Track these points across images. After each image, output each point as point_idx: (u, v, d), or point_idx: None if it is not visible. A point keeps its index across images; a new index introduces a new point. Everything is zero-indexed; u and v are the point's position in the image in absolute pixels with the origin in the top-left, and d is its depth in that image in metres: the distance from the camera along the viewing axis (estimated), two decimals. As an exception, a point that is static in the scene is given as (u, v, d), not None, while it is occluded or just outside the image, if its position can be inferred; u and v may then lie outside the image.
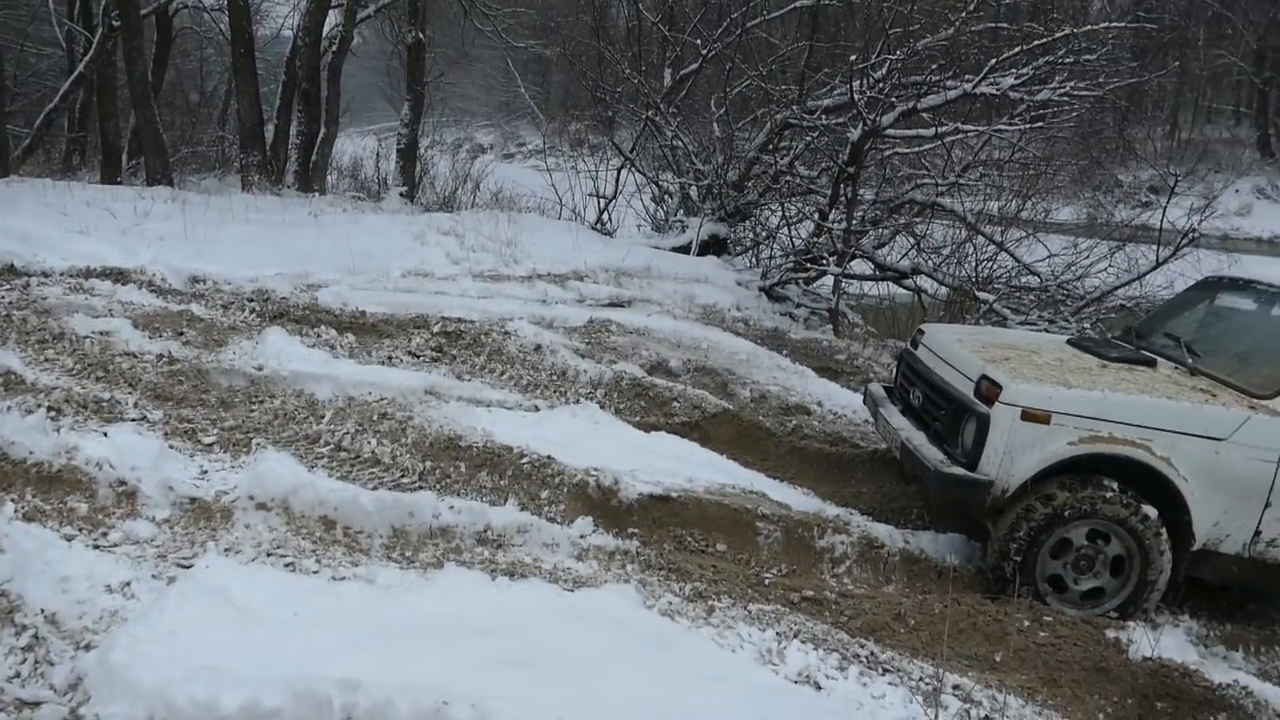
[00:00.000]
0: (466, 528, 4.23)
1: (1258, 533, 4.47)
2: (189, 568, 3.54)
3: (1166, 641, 4.18)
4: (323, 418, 5.20)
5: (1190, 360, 4.98)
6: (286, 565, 3.73)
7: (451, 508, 4.27)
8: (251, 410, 5.25)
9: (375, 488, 4.53)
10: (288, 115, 13.72)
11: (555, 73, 29.41)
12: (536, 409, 5.95)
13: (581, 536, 4.41)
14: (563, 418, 5.76)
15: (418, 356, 6.60)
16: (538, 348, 6.89)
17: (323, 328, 6.68)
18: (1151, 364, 4.99)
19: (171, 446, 4.55)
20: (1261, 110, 35.85)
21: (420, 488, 4.61)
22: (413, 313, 7.31)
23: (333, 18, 14.32)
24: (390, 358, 6.48)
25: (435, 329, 7.00)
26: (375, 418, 5.23)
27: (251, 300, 7.07)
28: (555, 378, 6.60)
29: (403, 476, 4.77)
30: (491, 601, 3.53)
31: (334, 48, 14.14)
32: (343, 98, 15.48)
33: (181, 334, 6.17)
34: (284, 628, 3.17)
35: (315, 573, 3.69)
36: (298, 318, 6.87)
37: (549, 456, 4.95)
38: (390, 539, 4.09)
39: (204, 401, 5.27)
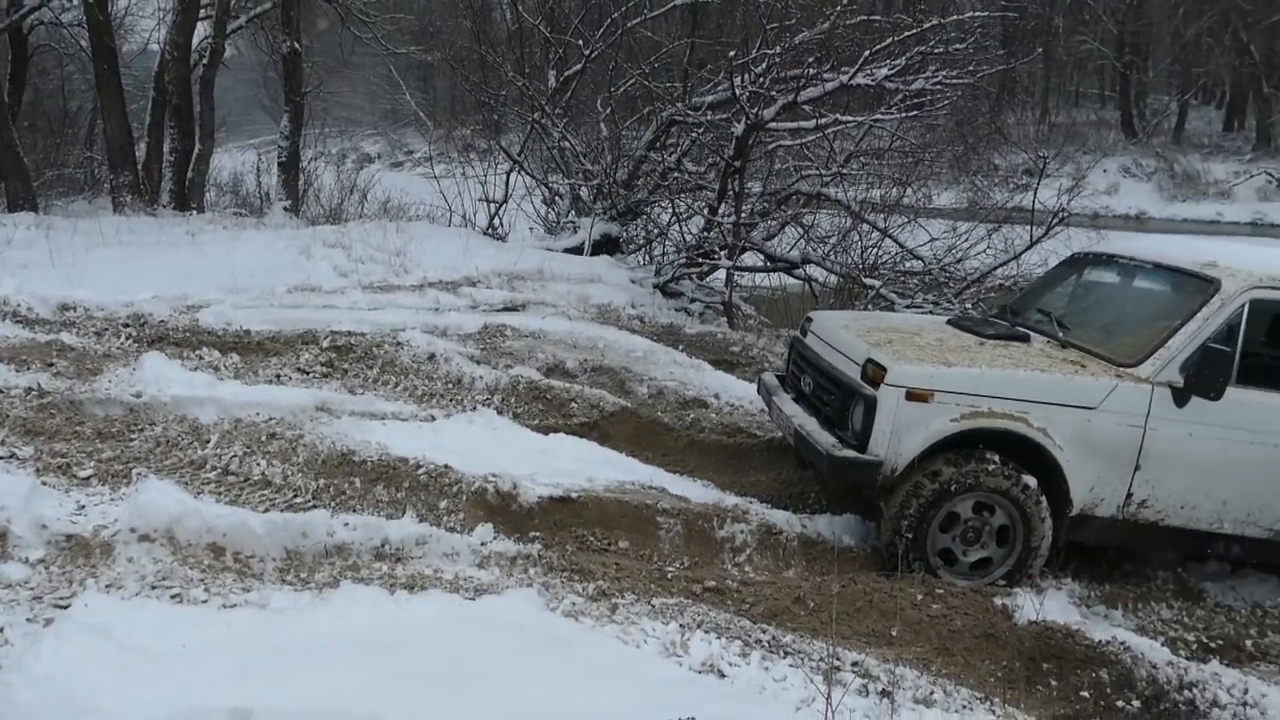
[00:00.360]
0: (363, 544, 4.16)
1: (1129, 495, 4.70)
2: (67, 608, 3.39)
3: (1050, 605, 4.36)
4: (208, 442, 5.03)
5: (1061, 334, 5.21)
6: (173, 597, 3.60)
7: (347, 525, 4.18)
8: (131, 439, 5.04)
9: (266, 510, 4.41)
10: (159, 132, 13.20)
11: (440, 78, 29.04)
12: (433, 418, 5.88)
13: (482, 544, 4.38)
14: (459, 425, 5.71)
15: (307, 373, 6.45)
16: (431, 356, 6.81)
17: (205, 349, 6.46)
18: (1025, 339, 5.20)
19: (44, 483, 4.34)
20: (1124, 93, 37.65)
21: (314, 507, 4.50)
22: (300, 329, 7.13)
23: (202, 29, 13.86)
24: (278, 376, 6.32)
25: (324, 344, 6.85)
26: (264, 438, 5.09)
27: (127, 325, 6.80)
28: (451, 386, 6.54)
29: (295, 496, 4.65)
30: (390, 616, 3.47)
31: (205, 60, 13.70)
32: (218, 111, 15.00)
33: (51, 365, 5.89)
34: (171, 661, 3.06)
35: (204, 602, 3.57)
36: (178, 341, 6.64)
37: (446, 465, 4.90)
38: (284, 561, 3.99)
39: (79, 434, 5.04)
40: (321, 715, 2.69)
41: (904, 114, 10.27)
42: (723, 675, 3.48)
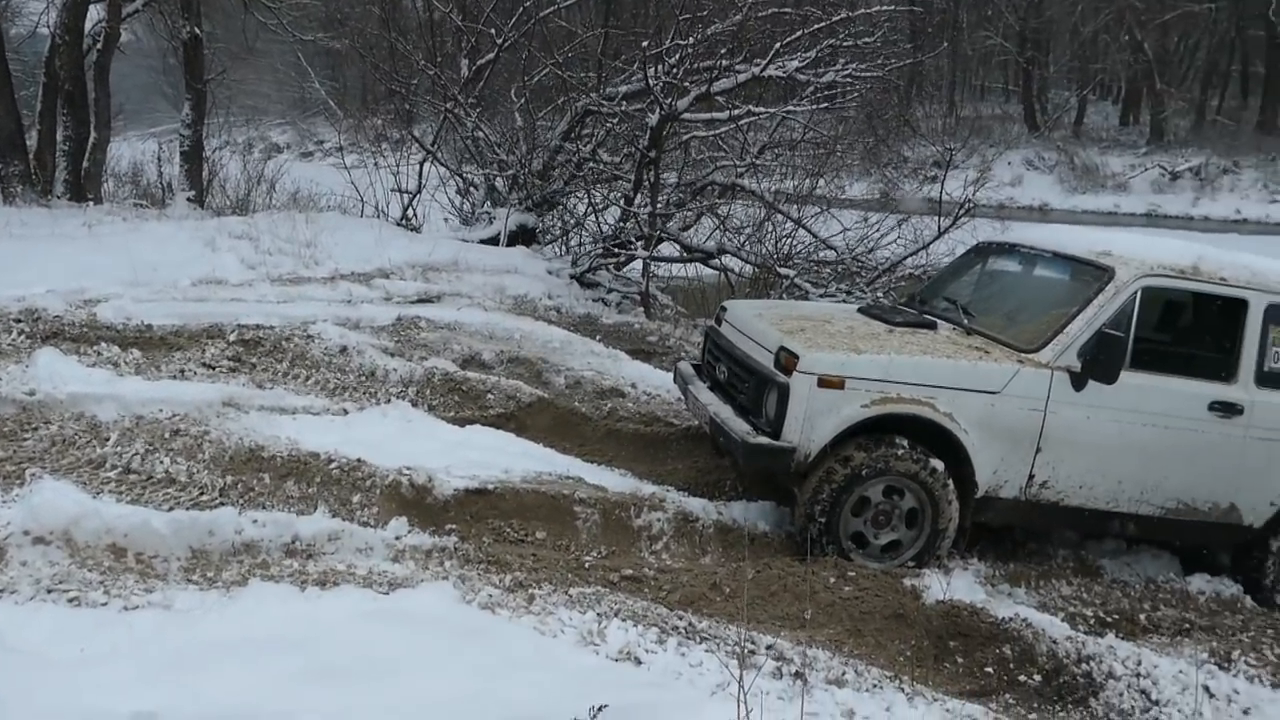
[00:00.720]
0: (273, 541, 4.07)
1: (1031, 476, 4.87)
2: (-45, 615, 3.24)
3: (957, 584, 4.50)
4: (107, 440, 4.85)
5: (966, 321, 5.35)
6: (70, 600, 3.46)
7: (255, 521, 4.09)
8: (24, 439, 4.83)
9: (171, 508, 4.28)
10: (52, 119, 12.62)
11: (350, 66, 28.39)
12: (345, 412, 5.78)
13: (397, 538, 4.33)
14: (373, 419, 5.63)
15: (213, 368, 6.26)
16: (344, 349, 6.68)
17: (104, 345, 6.22)
18: (933, 326, 5.33)
19: (-71, 485, 4.15)
20: (1026, 87, 38.80)
21: (221, 504, 4.39)
22: (205, 322, 6.92)
23: (95, 13, 13.27)
24: (182, 371, 6.12)
25: (231, 338, 6.66)
26: (167, 435, 4.94)
27: (19, 321, 6.50)
28: (364, 379, 6.43)
29: (201, 494, 4.52)
30: (301, 614, 3.41)
31: (99, 45, 13.14)
32: (116, 98, 14.38)
33: (-63, 361, 5.62)
34: (69, 667, 2.95)
35: (104, 605, 3.44)
36: (74, 336, 6.37)
37: (359, 459, 4.83)
38: (189, 561, 3.88)
39: (-33, 434, 4.82)
40: (229, 716, 2.62)
41: (815, 106, 10.42)
42: (639, 662, 3.50)
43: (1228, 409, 4.97)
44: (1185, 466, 5.03)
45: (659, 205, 10.04)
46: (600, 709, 2.65)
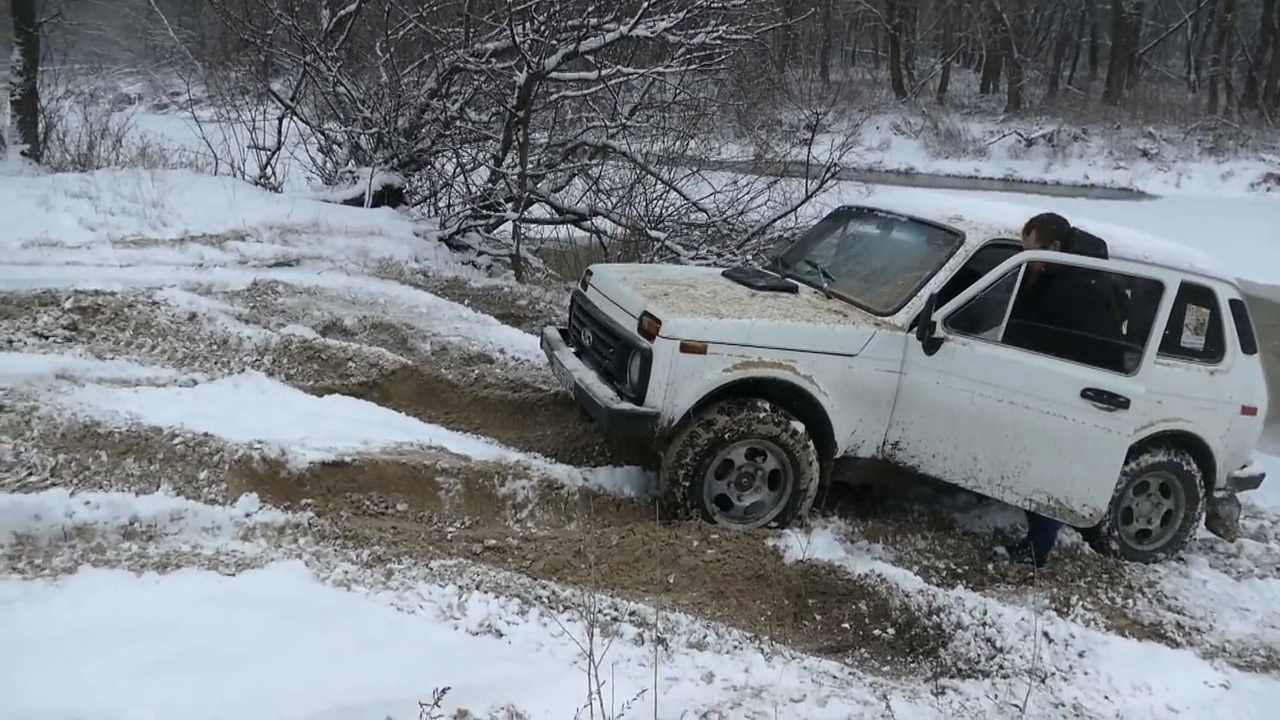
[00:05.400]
0: (109, 523, 3.83)
1: (887, 437, 4.99)
2: None
3: (817, 543, 4.59)
4: (-79, 417, 4.48)
5: (826, 284, 5.43)
6: (-127, 595, 3.19)
7: (88, 503, 3.84)
8: None
9: (-6, 492, 3.98)
10: None
11: (206, 12, 26.87)
12: (194, 383, 5.49)
13: (246, 515, 4.13)
14: (224, 390, 5.37)
15: (46, 337, 5.85)
16: (193, 316, 6.35)
17: (-81, 312, 5.75)
18: (794, 290, 5.39)
19: None
20: (894, 54, 39.77)
21: (51, 485, 4.09)
22: (38, 288, 6.45)
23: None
24: (10, 342, 5.70)
25: (67, 304, 6.23)
26: (-9, 411, 4.59)
27: None
28: (215, 347, 6.13)
29: (29, 475, 4.21)
30: (137, 600, 3.22)
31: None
32: (-63, 41, 13.28)
33: None
34: None
35: (-89, 599, 3.18)
36: (-116, 303, 5.87)
37: (207, 433, 4.58)
38: (13, 548, 3.61)
39: None
40: (48, 716, 2.45)
41: (686, 68, 10.38)
42: (500, 635, 3.45)
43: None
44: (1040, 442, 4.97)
45: (529, 166, 9.86)
46: (444, 691, 2.58)
